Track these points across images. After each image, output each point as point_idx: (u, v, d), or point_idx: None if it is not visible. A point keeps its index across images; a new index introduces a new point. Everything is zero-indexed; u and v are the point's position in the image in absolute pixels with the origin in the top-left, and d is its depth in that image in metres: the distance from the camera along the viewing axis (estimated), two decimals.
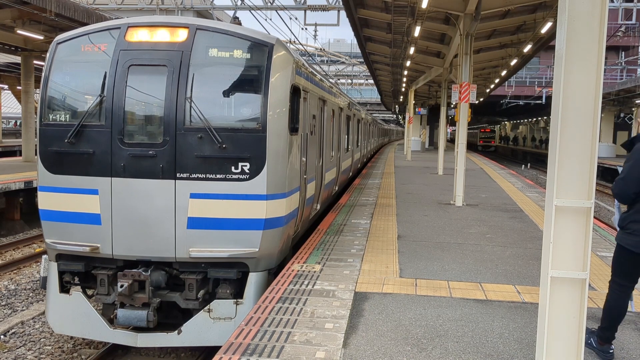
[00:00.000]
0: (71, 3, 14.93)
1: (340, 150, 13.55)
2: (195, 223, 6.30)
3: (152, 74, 6.40)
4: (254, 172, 6.25)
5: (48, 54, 6.74)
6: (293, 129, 6.81)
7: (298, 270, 6.69)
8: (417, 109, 40.41)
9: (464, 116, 12.86)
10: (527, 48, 19.62)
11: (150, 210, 6.33)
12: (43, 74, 6.70)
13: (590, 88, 3.48)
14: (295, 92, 6.93)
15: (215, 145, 6.21)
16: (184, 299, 6.40)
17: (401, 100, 44.68)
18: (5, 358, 7.13)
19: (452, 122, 41.88)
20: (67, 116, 6.55)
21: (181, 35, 6.46)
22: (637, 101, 33.37)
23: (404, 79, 29.60)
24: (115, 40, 6.52)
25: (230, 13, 25.04)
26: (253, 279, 6.46)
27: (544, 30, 16.65)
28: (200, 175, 6.26)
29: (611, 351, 4.46)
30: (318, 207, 9.98)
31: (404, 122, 43.65)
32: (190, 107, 6.28)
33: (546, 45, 20.79)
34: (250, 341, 4.57)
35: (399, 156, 33.21)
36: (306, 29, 26.26)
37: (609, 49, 46.48)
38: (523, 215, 11.47)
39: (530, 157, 51.67)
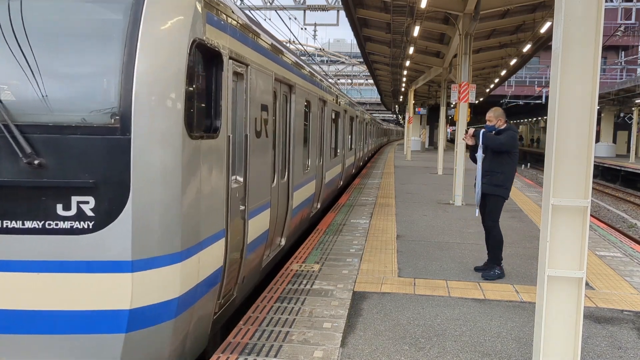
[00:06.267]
0: None
1: (322, 157, 10.60)
2: None
3: None
4: (106, 216, 3.42)
5: None
6: (206, 127, 4.14)
7: (297, 270, 6.69)
8: (416, 109, 40.42)
9: (463, 116, 12.89)
10: (527, 48, 19.64)
11: None
12: None
13: (586, 87, 3.49)
14: (208, 57, 4.16)
15: (20, 162, 3.37)
16: None
17: (401, 100, 44.70)
18: None
19: (451, 122, 41.88)
20: None
21: None
22: (637, 101, 33.37)
23: (404, 79, 29.63)
24: None
25: None
26: None
27: (543, 30, 16.65)
28: None
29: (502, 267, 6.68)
30: (283, 241, 7.35)
31: (404, 122, 43.66)
32: None
33: (546, 44, 20.78)
34: (248, 340, 4.57)
35: (399, 156, 33.24)
36: (305, 29, 26.22)
37: (609, 48, 46.55)
38: (522, 215, 11.47)
39: (530, 157, 51.69)
